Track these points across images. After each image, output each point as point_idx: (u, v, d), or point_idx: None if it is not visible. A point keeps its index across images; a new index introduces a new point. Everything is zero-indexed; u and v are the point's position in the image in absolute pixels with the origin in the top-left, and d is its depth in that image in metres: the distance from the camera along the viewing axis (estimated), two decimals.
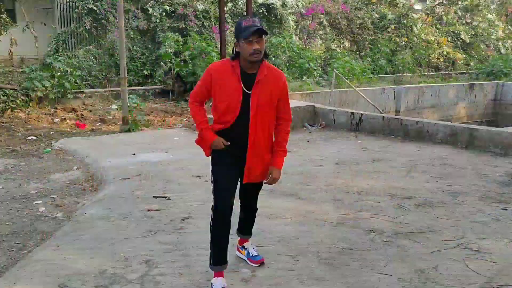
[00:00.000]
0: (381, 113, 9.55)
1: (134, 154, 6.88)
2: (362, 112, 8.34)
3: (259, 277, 3.13)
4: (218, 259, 3.00)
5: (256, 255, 3.36)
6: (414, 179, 5.50)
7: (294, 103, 9.34)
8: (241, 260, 3.38)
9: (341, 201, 4.68)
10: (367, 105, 11.15)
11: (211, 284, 2.97)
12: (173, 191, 5.11)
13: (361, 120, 8.14)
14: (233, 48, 2.93)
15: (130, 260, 3.44)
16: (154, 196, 4.93)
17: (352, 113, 8.36)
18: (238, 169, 3.03)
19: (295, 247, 3.58)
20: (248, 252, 3.39)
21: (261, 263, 3.31)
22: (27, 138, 8.64)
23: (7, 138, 8.72)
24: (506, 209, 4.44)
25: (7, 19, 10.19)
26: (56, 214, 4.79)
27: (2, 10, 10.32)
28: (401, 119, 7.77)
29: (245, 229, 3.41)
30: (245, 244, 3.43)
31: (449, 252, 3.48)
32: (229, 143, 2.96)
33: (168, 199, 4.83)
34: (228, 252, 3.04)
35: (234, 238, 3.42)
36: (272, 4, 16.53)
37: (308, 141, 7.76)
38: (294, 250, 3.53)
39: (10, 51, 10.83)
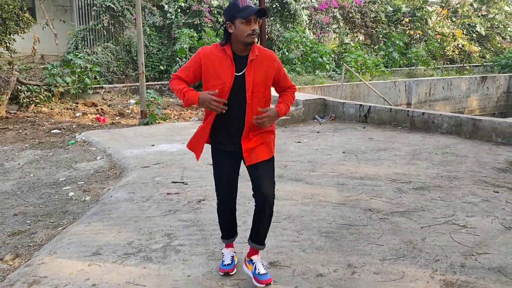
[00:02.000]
0: (390, 105, 9.93)
1: (153, 145, 7.42)
2: (370, 104, 8.78)
3: (266, 246, 3.60)
4: (226, 235, 3.32)
5: (264, 274, 3.06)
6: (416, 166, 5.93)
7: (305, 96, 9.79)
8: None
9: (344, 185, 5.14)
10: (378, 98, 11.53)
11: (222, 253, 3.34)
12: (190, 177, 5.62)
13: (370, 112, 8.58)
14: (218, 29, 3.02)
15: (153, 234, 3.96)
16: (172, 182, 5.45)
17: (361, 105, 8.80)
18: (238, 157, 3.08)
19: (299, 223, 4.07)
20: (255, 268, 3.10)
21: (267, 284, 3.03)
22: (52, 131, 9.24)
23: (33, 131, 9.34)
24: (497, 192, 4.86)
25: (30, 18, 10.79)
26: (85, 198, 5.33)
27: (25, 9, 10.91)
28: (408, 110, 8.19)
29: (256, 235, 3.12)
30: (254, 258, 3.15)
31: (438, 227, 3.93)
32: (216, 91, 2.86)
33: (185, 184, 5.35)
34: (238, 221, 3.49)
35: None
36: None
37: (318, 132, 8.22)
38: (299, 226, 4.02)
39: (34, 48, 11.46)
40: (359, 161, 6.23)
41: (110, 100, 12.29)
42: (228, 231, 3.31)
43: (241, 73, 2.89)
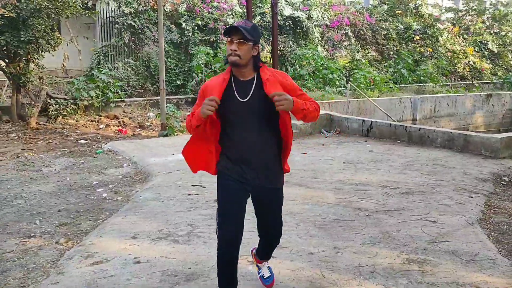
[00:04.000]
0: (393, 121, 10.91)
1: (173, 154, 8.48)
2: (372, 120, 9.78)
3: None
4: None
5: (268, 277, 3.49)
6: (406, 175, 6.89)
7: None
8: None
9: (340, 190, 6.13)
10: (383, 114, 12.50)
11: None
12: (207, 181, 6.64)
13: (371, 127, 9.58)
14: None
15: (179, 224, 4.98)
16: (192, 185, 6.49)
17: (363, 120, 9.81)
18: (247, 192, 3.03)
19: (299, 218, 5.06)
20: (262, 274, 3.53)
21: (271, 286, 3.50)
22: (79, 142, 10.38)
23: (62, 141, 10.49)
24: (472, 197, 5.80)
25: (60, 36, 12.01)
26: (117, 198, 6.38)
27: (55, 28, 12.14)
28: (406, 126, 9.18)
29: (263, 254, 3.44)
30: (260, 265, 3.55)
31: (412, 222, 4.90)
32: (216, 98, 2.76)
33: (203, 187, 6.38)
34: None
35: None
36: (299, 17, 18.06)
37: (323, 144, 9.23)
38: (298, 220, 5.01)
39: (63, 65, 12.70)
40: (357, 170, 7.21)
41: (130, 113, 13.45)
42: (227, 284, 3.05)
43: (242, 100, 2.86)
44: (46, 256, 4.45)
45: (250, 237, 4.33)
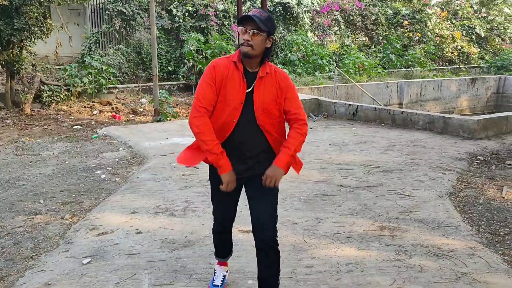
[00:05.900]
0: (379, 105, 11.45)
1: (167, 138, 8.97)
2: (358, 104, 10.33)
3: None
4: (220, 254, 3.44)
5: None
6: (387, 155, 7.44)
7: (302, 96, 11.32)
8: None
9: (325, 169, 6.67)
10: (371, 99, 13.04)
11: (214, 270, 3.50)
12: (200, 163, 7.14)
13: (357, 111, 10.12)
14: None
15: (175, 200, 5.50)
16: (186, 166, 6.99)
17: (349, 104, 10.35)
18: (239, 185, 3.02)
19: (285, 194, 5.59)
20: None
21: None
22: (73, 127, 10.82)
23: (57, 127, 10.92)
24: (445, 174, 6.37)
25: (52, 24, 12.36)
26: (115, 179, 6.87)
27: (47, 15, 12.49)
28: (390, 109, 9.72)
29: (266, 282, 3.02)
30: None
31: (388, 196, 5.46)
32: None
33: (197, 168, 6.88)
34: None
35: None
36: (288, 2, 18.47)
37: (311, 128, 9.75)
38: (284, 195, 5.54)
39: (56, 52, 13.08)
40: (341, 151, 7.75)
41: (123, 99, 13.87)
42: (223, 251, 3.44)
43: (249, 90, 2.83)
44: (54, 229, 4.95)
45: (241, 210, 4.87)
